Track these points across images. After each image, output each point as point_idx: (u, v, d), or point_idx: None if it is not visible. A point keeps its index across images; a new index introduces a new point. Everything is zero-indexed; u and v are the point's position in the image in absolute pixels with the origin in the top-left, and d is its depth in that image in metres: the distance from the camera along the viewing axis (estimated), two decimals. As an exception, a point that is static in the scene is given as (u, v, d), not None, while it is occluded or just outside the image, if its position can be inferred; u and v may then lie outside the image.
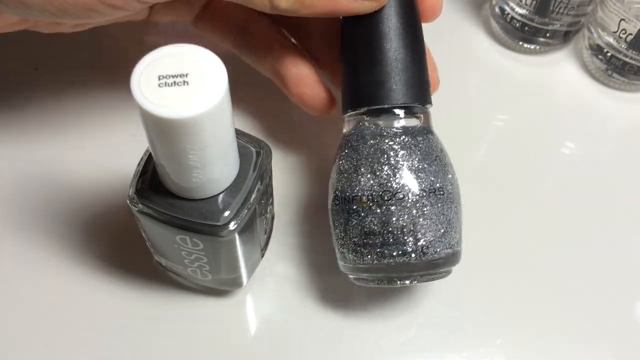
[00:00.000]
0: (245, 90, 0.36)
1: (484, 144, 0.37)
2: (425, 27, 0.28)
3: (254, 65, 0.32)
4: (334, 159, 0.28)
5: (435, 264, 0.26)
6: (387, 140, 0.26)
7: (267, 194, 0.27)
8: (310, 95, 0.30)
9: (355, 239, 0.26)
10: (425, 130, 0.27)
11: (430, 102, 0.28)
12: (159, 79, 0.19)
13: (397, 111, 0.27)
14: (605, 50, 0.37)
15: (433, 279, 0.27)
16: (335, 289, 0.31)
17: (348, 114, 0.28)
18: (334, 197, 0.27)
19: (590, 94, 0.39)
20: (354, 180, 0.26)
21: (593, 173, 0.36)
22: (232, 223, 0.24)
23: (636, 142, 0.37)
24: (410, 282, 0.27)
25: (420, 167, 0.26)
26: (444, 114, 0.37)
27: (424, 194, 0.25)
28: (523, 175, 0.35)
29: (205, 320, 0.30)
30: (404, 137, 0.26)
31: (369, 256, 0.26)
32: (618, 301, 0.31)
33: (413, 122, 0.27)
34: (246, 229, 0.25)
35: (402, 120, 0.27)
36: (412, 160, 0.26)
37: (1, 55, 0.37)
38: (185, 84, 0.19)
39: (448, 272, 0.27)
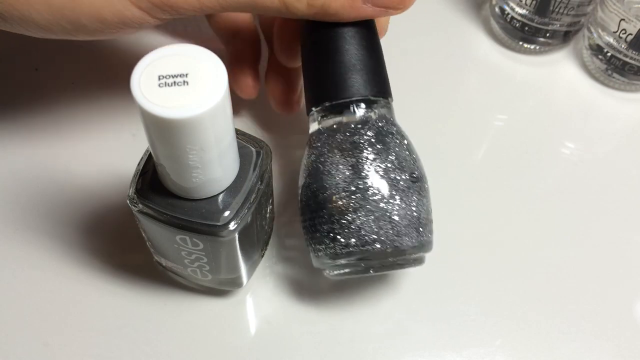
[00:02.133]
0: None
1: (484, 144, 0.37)
2: (425, 26, 0.28)
3: (216, 32, 0.35)
4: (305, 162, 0.28)
5: (403, 253, 0.26)
6: (352, 137, 0.26)
7: (267, 194, 0.27)
8: (240, 79, 0.33)
9: (325, 234, 0.26)
10: (389, 123, 0.27)
11: (390, 96, 0.28)
12: (159, 79, 0.19)
13: (358, 105, 0.27)
14: (605, 50, 0.37)
15: (405, 267, 0.27)
16: (336, 289, 0.31)
17: (312, 112, 0.28)
18: (301, 196, 0.27)
19: (590, 94, 0.39)
20: (322, 178, 0.26)
21: (593, 173, 0.36)
22: (232, 223, 0.24)
23: (636, 142, 0.37)
24: (383, 271, 0.27)
25: (386, 162, 0.26)
26: (445, 113, 0.37)
27: (392, 188, 0.26)
28: (523, 175, 0.35)
29: (205, 320, 0.30)
30: (369, 132, 0.27)
31: (338, 249, 0.26)
32: (618, 301, 0.31)
33: (374, 115, 0.27)
34: (246, 229, 0.25)
35: (364, 114, 0.27)
36: (377, 156, 0.26)
37: (1, 55, 0.37)
38: (185, 84, 0.19)
39: (420, 261, 0.28)
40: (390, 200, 0.26)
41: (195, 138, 0.20)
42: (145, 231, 0.27)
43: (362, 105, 0.27)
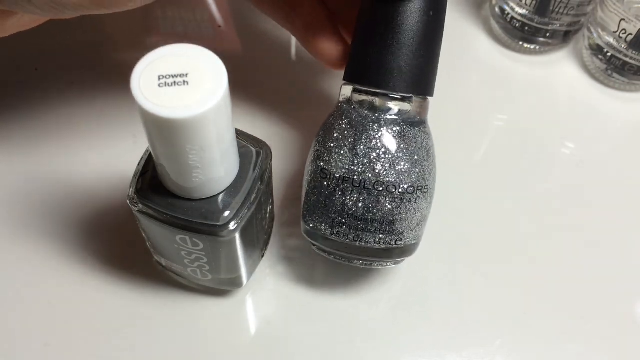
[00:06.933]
0: (245, 90, 0.36)
1: (484, 144, 0.37)
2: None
3: (270, 14, 0.32)
4: (327, 122, 0.28)
5: (398, 253, 0.27)
6: (386, 128, 0.26)
7: (267, 194, 0.27)
8: (324, 47, 0.30)
9: (333, 215, 0.27)
10: (422, 121, 0.28)
11: (432, 94, 0.28)
12: (159, 79, 0.19)
13: (396, 97, 0.27)
14: (605, 50, 0.37)
15: (388, 265, 0.29)
16: (336, 289, 0.31)
17: (350, 84, 0.28)
18: (321, 169, 0.27)
19: (590, 94, 0.39)
20: (348, 160, 0.26)
21: (593, 173, 0.36)
22: (232, 223, 0.24)
23: (636, 142, 0.37)
24: (369, 265, 0.28)
25: (414, 161, 0.26)
26: (445, 113, 0.37)
27: (412, 189, 0.26)
28: (523, 175, 0.35)
29: (205, 320, 0.30)
30: (403, 126, 0.26)
31: (342, 235, 0.27)
32: (618, 301, 0.31)
33: (408, 108, 0.27)
34: (246, 229, 0.25)
35: (399, 107, 0.27)
36: (407, 154, 0.26)
37: (1, 55, 0.37)
38: (185, 84, 0.19)
39: (403, 260, 0.29)
40: (403, 207, 0.26)
41: (196, 138, 0.20)
42: (145, 231, 0.27)
43: (399, 99, 0.27)
